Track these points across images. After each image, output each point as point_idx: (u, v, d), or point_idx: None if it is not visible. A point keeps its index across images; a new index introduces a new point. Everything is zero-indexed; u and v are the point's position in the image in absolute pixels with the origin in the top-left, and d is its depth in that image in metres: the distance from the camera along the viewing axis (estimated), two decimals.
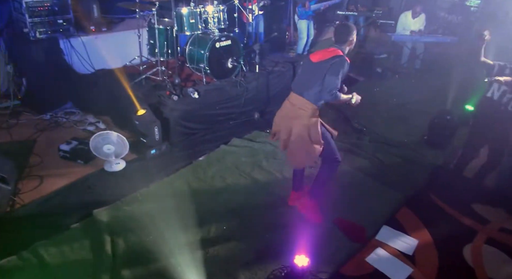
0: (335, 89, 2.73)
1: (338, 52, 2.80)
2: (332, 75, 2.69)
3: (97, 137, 3.70)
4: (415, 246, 3.12)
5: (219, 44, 4.73)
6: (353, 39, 2.87)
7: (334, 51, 2.81)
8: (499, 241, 3.24)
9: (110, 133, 3.77)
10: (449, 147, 4.52)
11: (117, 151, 3.77)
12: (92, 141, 3.68)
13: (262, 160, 4.05)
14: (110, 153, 3.74)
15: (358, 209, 3.44)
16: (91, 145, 3.68)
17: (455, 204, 3.63)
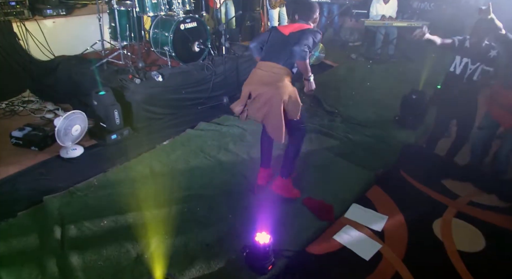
0: (304, 52, 2.66)
1: (308, 26, 2.86)
2: (304, 39, 2.68)
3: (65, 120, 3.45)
4: (385, 222, 3.03)
5: (184, 26, 4.55)
6: (316, 17, 2.93)
7: (304, 25, 2.85)
8: (468, 214, 3.18)
9: (76, 113, 3.57)
10: (421, 126, 4.47)
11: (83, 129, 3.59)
12: (61, 124, 3.42)
13: (229, 143, 3.90)
14: (77, 135, 3.55)
15: (328, 188, 3.32)
16: (58, 129, 3.42)
17: (426, 181, 3.57)
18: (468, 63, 3.46)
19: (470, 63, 3.43)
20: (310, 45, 2.71)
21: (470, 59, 3.42)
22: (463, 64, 3.48)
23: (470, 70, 3.45)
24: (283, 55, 2.79)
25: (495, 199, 3.39)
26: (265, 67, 2.83)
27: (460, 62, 3.52)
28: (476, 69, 3.40)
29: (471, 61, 3.42)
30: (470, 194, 3.45)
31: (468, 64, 3.45)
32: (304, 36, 2.71)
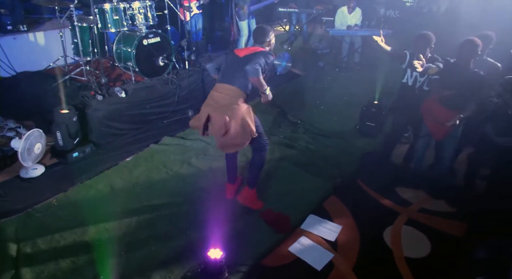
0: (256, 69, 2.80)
1: (262, 48, 3.03)
2: (255, 59, 2.84)
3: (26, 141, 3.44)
4: (339, 232, 3.16)
5: (147, 42, 4.60)
6: (270, 40, 3.11)
7: (258, 48, 3.03)
8: (418, 221, 3.35)
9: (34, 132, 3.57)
10: (379, 134, 4.64)
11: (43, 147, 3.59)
12: (23, 146, 3.41)
13: (192, 157, 3.97)
14: (38, 154, 3.55)
15: (287, 199, 3.45)
16: (21, 148, 3.40)
17: (381, 189, 3.73)
18: (417, 76, 3.65)
19: (419, 76, 3.63)
20: (261, 63, 2.85)
21: (419, 73, 3.61)
22: (414, 77, 3.67)
23: (420, 82, 3.64)
24: (237, 77, 2.93)
25: (444, 205, 3.58)
26: (221, 89, 2.96)
27: (411, 74, 3.71)
28: (425, 80, 3.59)
29: (420, 74, 3.60)
30: (421, 200, 3.63)
31: (417, 77, 3.65)
32: (256, 57, 2.88)
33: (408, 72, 3.72)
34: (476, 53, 3.16)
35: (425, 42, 3.43)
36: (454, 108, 3.28)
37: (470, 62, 3.21)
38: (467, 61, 3.20)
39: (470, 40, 3.19)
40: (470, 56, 3.17)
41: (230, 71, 2.99)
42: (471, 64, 3.22)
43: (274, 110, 5.19)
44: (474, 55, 3.17)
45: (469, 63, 3.21)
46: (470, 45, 3.16)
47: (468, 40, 3.20)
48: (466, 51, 3.18)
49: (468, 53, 3.18)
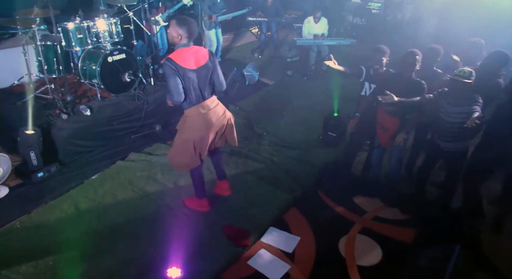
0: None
1: (205, 49, 3.07)
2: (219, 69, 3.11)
3: None
4: (296, 244, 3.33)
5: (111, 59, 4.66)
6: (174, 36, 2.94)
7: (202, 49, 3.03)
8: (371, 229, 3.55)
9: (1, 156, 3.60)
10: (342, 144, 4.85)
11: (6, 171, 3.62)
12: None
13: (157, 173, 4.07)
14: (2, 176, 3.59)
15: (248, 213, 3.59)
16: None
17: (339, 199, 3.92)
18: (371, 87, 3.86)
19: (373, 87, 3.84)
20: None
21: (375, 85, 3.82)
22: (371, 89, 3.88)
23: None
24: (208, 88, 3.08)
25: (397, 213, 3.80)
26: (211, 105, 3.10)
27: (369, 87, 3.91)
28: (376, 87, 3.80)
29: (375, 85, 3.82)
30: (376, 209, 3.84)
31: (371, 88, 3.86)
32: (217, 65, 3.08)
33: (366, 85, 3.93)
34: (416, 63, 3.39)
35: (381, 54, 3.65)
36: (396, 116, 3.53)
37: (412, 72, 3.44)
38: (409, 72, 3.44)
39: (411, 52, 3.42)
40: (411, 67, 3.41)
41: (200, 87, 3.00)
42: (413, 75, 3.46)
43: (241, 121, 5.32)
44: (415, 66, 3.40)
45: (411, 74, 3.44)
46: (411, 57, 3.40)
47: (410, 52, 3.43)
48: (408, 63, 3.41)
49: (409, 65, 3.41)
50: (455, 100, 3.23)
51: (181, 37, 2.87)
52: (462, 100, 3.20)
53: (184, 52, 2.89)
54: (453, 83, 3.18)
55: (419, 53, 3.41)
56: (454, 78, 3.15)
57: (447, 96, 3.29)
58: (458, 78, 3.14)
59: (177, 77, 2.84)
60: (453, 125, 3.28)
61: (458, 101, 3.22)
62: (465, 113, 3.14)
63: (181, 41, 2.89)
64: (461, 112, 3.20)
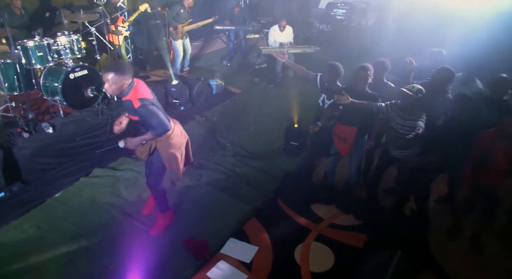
0: None
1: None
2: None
3: None
4: (254, 253, 3.50)
5: (73, 75, 4.71)
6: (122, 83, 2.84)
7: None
8: (326, 236, 3.75)
9: None
10: (303, 153, 5.04)
11: None
12: None
13: (121, 188, 4.15)
14: None
15: (208, 225, 3.73)
16: None
17: (297, 207, 4.10)
18: (324, 98, 4.06)
19: (326, 98, 4.04)
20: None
21: (326, 95, 4.03)
22: (322, 99, 4.08)
23: (327, 104, 4.05)
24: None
25: (352, 219, 4.02)
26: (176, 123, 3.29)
27: (321, 96, 4.11)
28: (331, 104, 4.00)
29: (327, 97, 4.02)
30: (332, 216, 4.05)
31: (325, 99, 4.06)
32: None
33: (322, 95, 4.12)
34: (369, 77, 3.62)
35: (336, 73, 3.84)
36: (352, 126, 3.74)
37: (365, 85, 3.66)
38: (362, 85, 3.66)
39: (363, 67, 3.65)
40: (364, 81, 3.63)
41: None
42: (366, 88, 3.68)
43: (205, 133, 5.46)
44: (367, 79, 3.62)
45: (364, 87, 3.67)
46: (363, 71, 3.62)
47: (362, 66, 3.66)
48: (360, 77, 3.63)
49: (362, 79, 3.63)
50: (403, 113, 3.49)
51: (128, 81, 2.84)
52: (409, 114, 3.45)
53: (139, 87, 2.93)
54: (404, 96, 3.42)
55: (370, 68, 3.64)
56: (405, 92, 3.41)
57: (397, 108, 3.55)
58: (408, 92, 3.40)
59: (159, 111, 2.96)
60: (402, 135, 3.53)
61: (406, 114, 3.47)
62: (410, 126, 3.40)
63: (128, 83, 2.86)
64: (407, 125, 3.45)
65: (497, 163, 3.24)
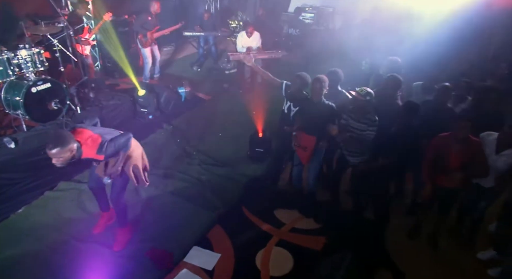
0: None
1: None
2: None
3: None
4: (216, 261, 3.62)
5: (36, 89, 4.70)
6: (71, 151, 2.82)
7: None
8: (287, 241, 3.92)
9: None
10: (268, 159, 5.18)
11: None
12: None
13: (85, 201, 4.18)
14: None
15: (172, 235, 3.82)
16: None
17: (260, 213, 4.26)
18: (291, 106, 4.21)
19: (292, 106, 4.19)
20: None
21: (292, 103, 4.17)
22: (288, 106, 4.22)
23: (293, 111, 4.20)
24: None
25: (312, 223, 4.20)
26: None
27: (286, 103, 4.24)
28: (298, 111, 4.15)
29: (293, 104, 4.17)
30: (294, 220, 4.22)
31: (291, 106, 4.21)
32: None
33: (285, 101, 4.24)
34: (324, 88, 3.77)
35: (302, 83, 3.98)
36: (312, 134, 3.89)
37: (321, 96, 3.83)
38: (318, 96, 3.82)
39: (317, 79, 3.80)
40: (319, 92, 3.80)
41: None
42: (322, 98, 3.85)
43: (173, 141, 5.53)
44: (322, 91, 3.78)
45: (320, 98, 3.83)
46: (317, 83, 3.78)
47: (316, 78, 3.81)
48: (315, 89, 3.79)
49: (317, 90, 3.79)
50: (356, 116, 3.70)
51: (74, 146, 2.81)
52: (362, 118, 3.65)
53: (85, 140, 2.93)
54: (354, 99, 3.65)
55: (324, 79, 3.80)
56: (355, 96, 3.61)
57: (351, 112, 3.74)
58: (357, 96, 3.61)
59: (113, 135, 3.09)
60: (357, 141, 3.72)
61: (358, 116, 3.68)
62: (363, 130, 3.61)
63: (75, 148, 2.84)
64: (361, 129, 3.65)
65: (452, 165, 3.47)
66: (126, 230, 3.68)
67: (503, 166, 3.41)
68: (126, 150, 3.17)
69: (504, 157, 3.40)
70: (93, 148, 2.93)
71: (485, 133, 3.57)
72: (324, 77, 3.83)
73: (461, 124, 3.35)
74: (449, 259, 3.79)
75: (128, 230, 3.70)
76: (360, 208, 4.34)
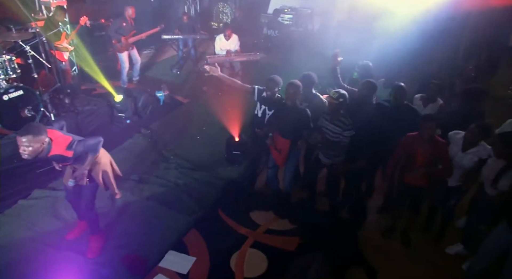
0: None
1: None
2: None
3: None
4: (191, 264, 3.66)
5: (8, 97, 4.65)
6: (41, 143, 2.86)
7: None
8: (262, 242, 3.98)
9: None
10: (245, 162, 5.23)
11: None
12: None
13: (60, 209, 4.16)
14: None
15: (148, 240, 3.84)
16: None
17: (236, 216, 4.31)
18: (266, 110, 4.25)
19: (267, 109, 4.24)
20: None
21: (267, 107, 4.22)
22: (262, 110, 4.27)
23: (268, 115, 4.25)
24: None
25: (287, 223, 4.27)
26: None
27: (260, 107, 4.29)
28: (274, 113, 4.21)
29: (268, 108, 4.22)
30: (269, 222, 4.28)
31: (266, 110, 4.25)
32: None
33: (258, 105, 4.30)
34: (298, 93, 3.84)
35: (274, 83, 4.01)
36: (289, 138, 3.96)
37: (295, 100, 3.89)
38: (292, 100, 3.89)
39: (291, 84, 3.87)
40: (293, 96, 3.86)
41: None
42: (297, 102, 3.91)
43: (150, 146, 5.54)
44: (296, 95, 3.85)
45: (294, 102, 3.89)
46: (291, 88, 3.85)
47: (290, 83, 3.88)
48: (289, 93, 3.86)
49: (290, 95, 3.86)
50: (331, 118, 3.79)
51: (46, 140, 2.85)
52: (336, 120, 3.75)
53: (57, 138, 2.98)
54: (328, 102, 3.77)
55: (297, 84, 3.86)
56: (328, 99, 3.70)
57: (326, 114, 3.84)
58: (329, 99, 3.69)
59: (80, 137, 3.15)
60: (333, 144, 3.82)
61: (332, 118, 3.78)
62: (337, 133, 3.72)
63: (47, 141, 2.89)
64: (336, 132, 3.74)
65: (418, 164, 3.58)
66: (98, 237, 3.68)
67: (469, 163, 3.54)
68: (95, 153, 3.20)
69: (470, 155, 3.53)
70: (63, 145, 2.97)
71: (453, 132, 3.71)
72: (298, 82, 3.89)
73: (425, 124, 3.47)
74: (421, 255, 3.90)
75: (100, 236, 3.71)
76: (336, 207, 4.43)
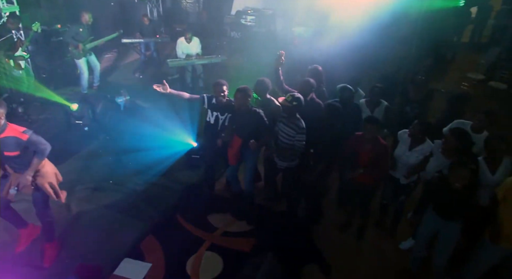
0: None
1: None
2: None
3: None
4: (147, 271, 3.69)
5: None
6: None
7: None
8: (218, 244, 4.05)
9: None
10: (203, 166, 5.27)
11: None
12: None
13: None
14: None
15: (103, 248, 3.85)
16: None
17: (194, 220, 4.36)
18: (218, 115, 4.33)
19: (220, 115, 4.31)
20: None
21: (219, 112, 4.30)
22: (215, 116, 4.34)
23: (222, 120, 4.33)
24: None
25: (244, 225, 4.37)
26: None
27: (212, 114, 4.36)
28: (226, 118, 4.29)
29: (220, 113, 4.30)
30: (226, 224, 4.36)
31: (219, 116, 4.33)
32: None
33: (209, 112, 4.37)
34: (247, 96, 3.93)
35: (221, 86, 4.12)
36: (241, 137, 4.08)
37: (246, 105, 3.97)
38: (243, 105, 3.97)
39: (238, 89, 3.94)
40: (241, 101, 3.94)
41: None
42: (249, 106, 4.00)
43: (109, 153, 5.50)
44: (245, 99, 3.92)
45: (243, 106, 3.96)
46: (239, 93, 3.93)
47: (238, 89, 3.95)
48: (237, 98, 3.94)
49: (239, 99, 3.93)
50: (286, 120, 3.91)
51: (3, 116, 3.04)
52: (290, 123, 3.86)
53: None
54: (283, 107, 3.88)
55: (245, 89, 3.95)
56: (283, 103, 3.82)
57: (282, 117, 3.96)
58: (284, 103, 3.81)
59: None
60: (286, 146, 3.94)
61: (288, 122, 3.89)
62: (291, 135, 3.86)
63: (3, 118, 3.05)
64: (290, 135, 3.86)
65: (361, 162, 3.76)
66: (53, 245, 3.68)
67: (415, 161, 3.74)
68: (42, 157, 3.25)
69: (416, 153, 3.74)
70: (19, 129, 3.10)
71: (402, 131, 3.90)
72: (246, 87, 3.98)
73: (367, 126, 3.66)
74: (375, 250, 4.10)
75: (55, 244, 3.70)
76: (293, 207, 4.56)
